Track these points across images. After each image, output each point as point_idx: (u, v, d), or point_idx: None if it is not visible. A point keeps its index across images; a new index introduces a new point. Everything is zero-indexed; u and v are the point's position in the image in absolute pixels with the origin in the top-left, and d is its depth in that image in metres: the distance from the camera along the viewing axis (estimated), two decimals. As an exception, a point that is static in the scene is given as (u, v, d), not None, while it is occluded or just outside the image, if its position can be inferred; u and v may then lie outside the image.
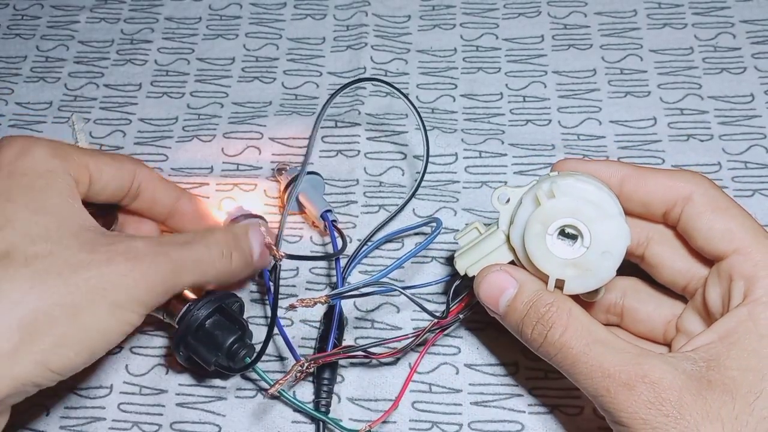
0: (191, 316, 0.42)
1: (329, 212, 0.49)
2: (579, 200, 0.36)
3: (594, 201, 0.36)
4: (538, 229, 0.37)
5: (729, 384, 0.33)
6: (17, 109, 0.59)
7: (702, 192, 0.37)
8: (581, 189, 0.37)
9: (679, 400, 0.32)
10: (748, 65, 0.57)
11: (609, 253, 0.36)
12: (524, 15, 0.62)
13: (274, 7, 0.64)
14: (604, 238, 0.36)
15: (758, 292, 0.34)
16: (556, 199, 0.36)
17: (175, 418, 0.44)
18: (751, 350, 0.33)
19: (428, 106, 0.57)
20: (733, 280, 0.35)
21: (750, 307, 0.34)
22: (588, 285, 0.37)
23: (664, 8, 0.61)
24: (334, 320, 0.45)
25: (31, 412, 0.45)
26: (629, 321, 0.41)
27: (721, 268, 0.36)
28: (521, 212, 0.38)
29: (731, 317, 0.35)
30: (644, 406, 0.33)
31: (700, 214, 0.37)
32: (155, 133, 0.57)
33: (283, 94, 0.59)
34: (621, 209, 0.37)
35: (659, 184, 0.38)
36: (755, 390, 0.32)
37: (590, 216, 0.36)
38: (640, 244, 0.40)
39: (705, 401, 0.32)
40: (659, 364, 0.33)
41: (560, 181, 0.37)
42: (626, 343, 0.35)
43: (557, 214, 0.36)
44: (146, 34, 0.63)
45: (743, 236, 0.36)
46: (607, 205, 0.36)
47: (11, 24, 0.65)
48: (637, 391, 0.33)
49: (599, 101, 0.56)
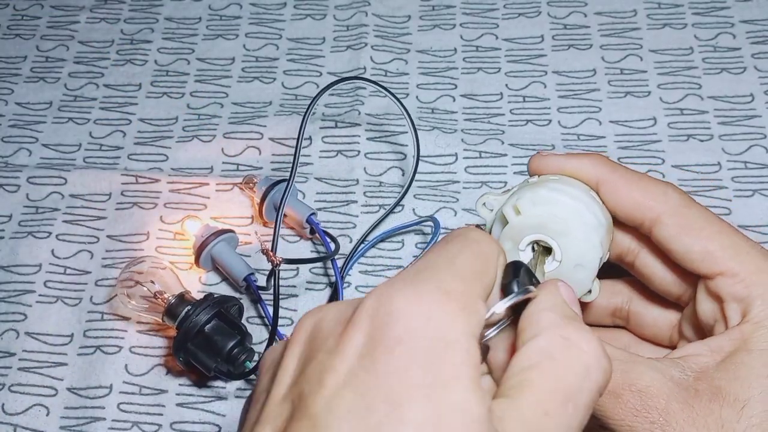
0: (190, 321, 0.42)
1: (314, 215, 0.49)
2: (545, 215, 0.35)
3: (563, 214, 0.35)
4: (509, 246, 0.36)
5: (716, 393, 0.32)
6: (17, 109, 0.59)
7: (671, 212, 0.35)
8: (550, 200, 0.35)
9: (665, 408, 0.32)
10: (748, 65, 0.57)
11: (581, 266, 0.35)
12: (524, 15, 0.62)
13: (274, 7, 0.64)
14: (574, 251, 0.35)
15: (753, 313, 0.34)
16: (522, 216, 0.35)
17: (175, 418, 0.44)
18: (740, 363, 0.33)
19: (428, 106, 0.57)
20: (726, 301, 0.35)
21: (743, 327, 0.34)
22: None
23: (664, 8, 0.61)
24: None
25: (31, 412, 0.45)
26: (635, 325, 0.41)
27: (709, 288, 0.35)
28: (495, 229, 0.37)
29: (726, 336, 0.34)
30: (631, 414, 0.32)
31: (673, 237, 0.35)
32: (155, 133, 0.57)
33: (283, 94, 0.59)
34: (600, 217, 0.35)
35: (629, 198, 0.36)
36: (742, 398, 0.32)
37: (558, 230, 0.35)
38: (630, 252, 0.38)
39: (692, 409, 0.32)
40: (647, 371, 0.33)
41: (529, 194, 0.35)
42: (613, 348, 0.34)
43: (524, 231, 0.35)
44: (146, 34, 0.63)
45: (725, 257, 0.34)
46: (578, 217, 0.35)
47: (11, 24, 0.65)
48: (623, 399, 0.33)
49: (599, 101, 0.56)
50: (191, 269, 0.49)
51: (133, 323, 0.48)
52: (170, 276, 0.46)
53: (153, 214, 0.52)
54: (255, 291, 0.46)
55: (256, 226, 0.51)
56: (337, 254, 0.47)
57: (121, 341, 0.47)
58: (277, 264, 0.42)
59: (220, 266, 0.48)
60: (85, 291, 0.49)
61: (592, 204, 0.36)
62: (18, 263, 0.50)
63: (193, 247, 0.48)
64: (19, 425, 0.44)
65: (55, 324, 0.48)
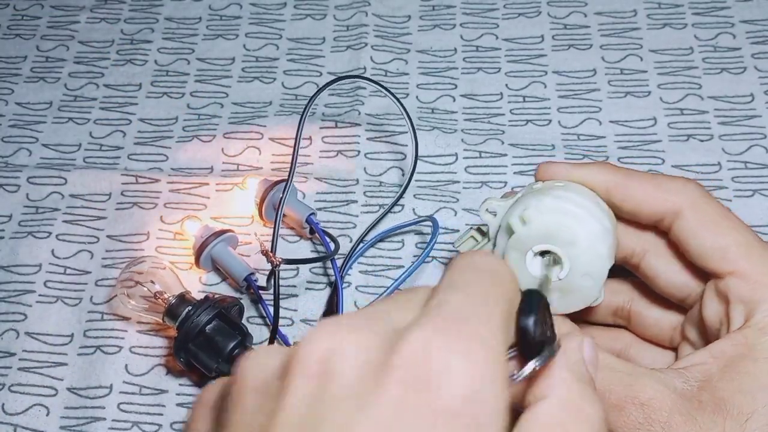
0: (191, 322, 0.42)
1: (313, 215, 0.49)
2: (552, 225, 0.34)
3: (569, 223, 0.34)
4: (515, 256, 0.36)
5: (720, 405, 0.32)
6: (17, 109, 0.59)
7: (692, 205, 0.35)
8: (557, 209, 0.35)
9: (668, 421, 0.32)
10: (748, 65, 0.57)
11: (589, 275, 0.35)
12: (524, 15, 0.62)
13: (274, 7, 0.64)
14: (581, 260, 0.34)
15: (757, 317, 0.33)
16: (528, 226, 0.35)
17: (175, 418, 0.44)
18: (745, 373, 0.32)
19: (428, 106, 0.57)
20: (731, 302, 0.34)
21: (747, 332, 0.33)
22: (573, 306, 0.36)
23: (664, 8, 0.61)
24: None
25: (31, 412, 0.45)
26: (636, 325, 0.41)
27: (718, 287, 0.35)
28: (500, 238, 0.37)
29: (728, 340, 0.34)
30: (633, 428, 0.32)
31: (691, 230, 0.35)
32: (155, 133, 0.57)
33: (283, 94, 0.59)
34: (606, 223, 0.35)
35: (646, 194, 0.36)
36: (746, 411, 0.32)
37: (565, 239, 0.34)
38: (635, 254, 0.38)
39: (695, 422, 0.32)
40: (650, 383, 0.33)
41: (535, 202, 0.35)
42: (617, 360, 0.34)
43: (531, 242, 0.35)
44: (146, 34, 0.63)
45: (738, 256, 0.34)
46: (584, 226, 0.34)
47: (11, 24, 0.65)
48: (626, 412, 0.32)
49: (599, 101, 0.56)
50: (191, 269, 0.49)
51: (133, 323, 0.48)
52: (170, 276, 0.46)
53: (153, 214, 0.52)
54: (256, 291, 0.46)
55: (256, 227, 0.51)
56: (336, 254, 0.47)
57: (121, 341, 0.47)
58: (276, 264, 0.42)
59: (220, 266, 0.48)
60: (85, 291, 0.49)
61: (597, 211, 0.35)
62: (18, 263, 0.50)
63: (192, 247, 0.48)
64: (19, 425, 0.44)
65: (55, 324, 0.48)
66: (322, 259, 0.49)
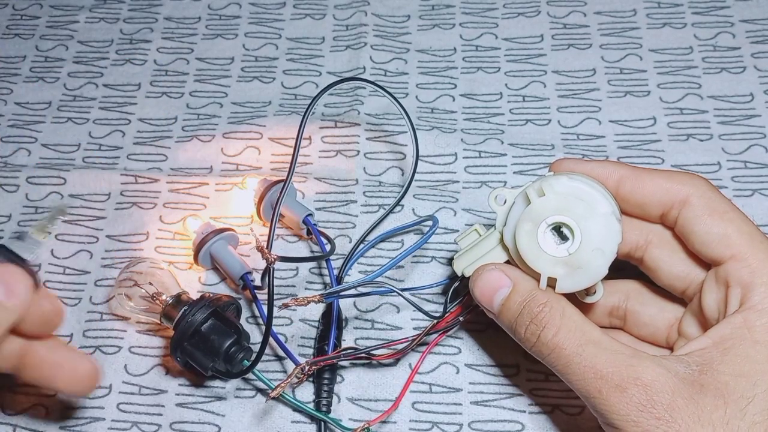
0: (186, 321, 0.42)
1: (311, 216, 0.49)
2: (569, 198, 0.36)
3: (585, 199, 0.36)
4: (528, 228, 0.37)
5: (721, 389, 0.32)
6: (16, 109, 0.59)
7: (699, 195, 0.37)
8: (572, 187, 0.37)
9: (670, 404, 0.32)
10: (748, 65, 0.57)
11: (600, 251, 0.36)
12: (524, 15, 0.62)
13: (273, 6, 0.64)
14: (594, 235, 0.36)
15: (754, 300, 0.34)
16: (545, 197, 0.36)
17: (174, 418, 0.44)
18: (745, 356, 0.33)
19: (428, 106, 0.57)
20: (730, 286, 0.35)
21: (745, 314, 0.34)
22: (580, 283, 0.37)
23: (663, 8, 0.61)
24: (333, 321, 0.45)
25: (32, 412, 0.45)
26: (632, 324, 0.41)
27: (718, 274, 0.36)
28: (513, 211, 0.38)
29: (726, 324, 0.34)
30: (636, 409, 0.33)
31: (697, 217, 0.36)
32: (154, 133, 0.57)
33: (283, 93, 0.59)
34: (615, 208, 0.37)
35: (656, 185, 0.38)
36: (747, 395, 0.32)
37: (580, 213, 0.36)
38: (639, 247, 0.39)
39: (697, 405, 0.32)
40: (652, 366, 0.33)
41: (552, 180, 0.37)
42: (620, 344, 0.35)
43: (547, 212, 0.36)
44: (145, 34, 0.63)
45: (740, 242, 0.35)
46: (598, 204, 0.36)
47: (10, 24, 0.65)
48: (629, 393, 0.33)
49: (599, 101, 0.56)
50: (191, 269, 0.49)
51: (133, 323, 0.47)
52: (168, 277, 0.46)
53: (152, 214, 0.52)
54: (251, 290, 0.46)
55: (256, 227, 0.51)
56: (332, 254, 0.47)
57: (120, 341, 0.47)
58: (271, 261, 0.42)
59: (218, 264, 0.48)
60: (84, 291, 0.49)
61: (609, 195, 0.37)
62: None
63: (193, 244, 0.48)
64: (19, 425, 0.44)
65: (55, 324, 0.48)
66: (317, 258, 0.49)
